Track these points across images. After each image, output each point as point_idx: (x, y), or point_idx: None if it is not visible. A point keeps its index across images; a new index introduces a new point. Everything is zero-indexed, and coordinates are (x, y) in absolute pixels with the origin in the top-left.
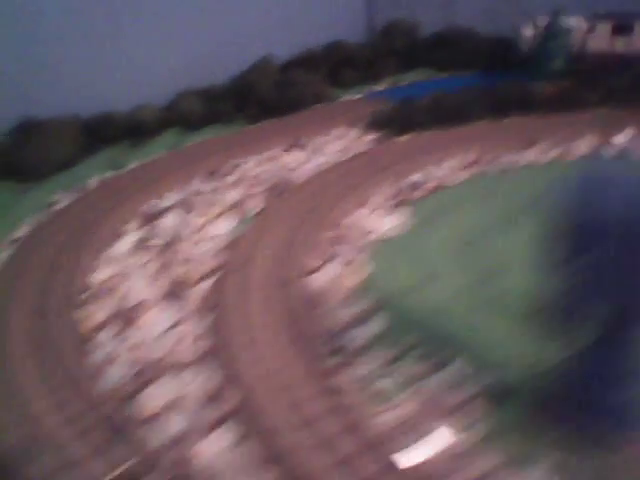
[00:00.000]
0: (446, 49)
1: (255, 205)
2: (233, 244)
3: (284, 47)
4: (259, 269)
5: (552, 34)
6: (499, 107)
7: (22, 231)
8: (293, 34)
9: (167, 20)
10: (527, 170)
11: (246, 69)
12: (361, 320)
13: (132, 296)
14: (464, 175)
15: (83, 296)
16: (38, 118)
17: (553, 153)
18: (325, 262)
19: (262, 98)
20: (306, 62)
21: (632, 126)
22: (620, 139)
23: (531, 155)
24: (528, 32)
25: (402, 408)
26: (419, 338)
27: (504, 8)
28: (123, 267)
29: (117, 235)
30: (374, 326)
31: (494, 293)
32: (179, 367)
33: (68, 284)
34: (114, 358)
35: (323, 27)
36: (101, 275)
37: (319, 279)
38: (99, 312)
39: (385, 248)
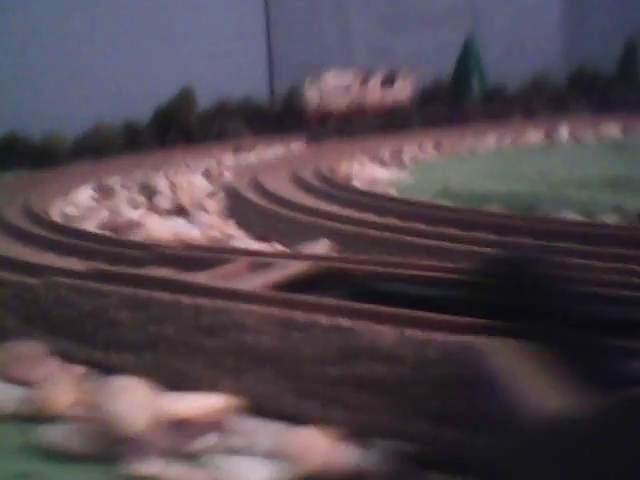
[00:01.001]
0: None
1: (228, 175)
2: (224, 186)
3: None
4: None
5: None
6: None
7: None
8: (207, 86)
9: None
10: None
11: (168, 100)
12: None
13: (124, 214)
14: (436, 153)
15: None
16: None
17: (510, 140)
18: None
19: (185, 128)
20: (222, 109)
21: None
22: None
23: (490, 141)
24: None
25: None
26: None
27: None
28: (93, 206)
29: (68, 191)
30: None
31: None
32: None
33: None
34: None
35: (233, 84)
36: (70, 210)
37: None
38: (88, 224)
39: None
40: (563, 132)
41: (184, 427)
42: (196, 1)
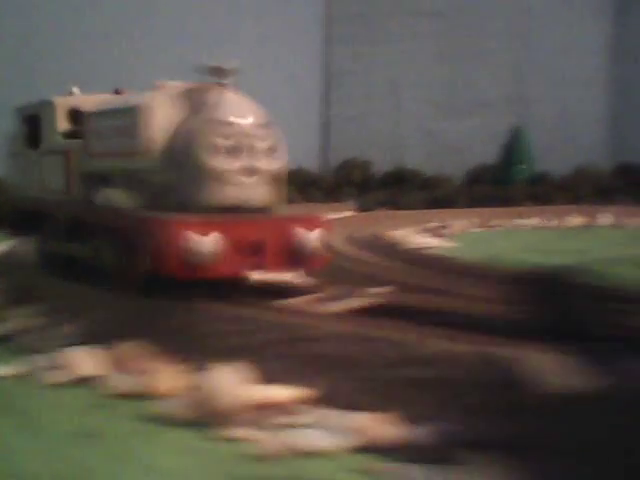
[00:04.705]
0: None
1: None
2: None
3: None
4: None
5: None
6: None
7: None
8: None
9: None
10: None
11: None
12: None
13: None
14: (482, 229)
15: None
16: None
17: (554, 221)
18: None
19: None
20: None
21: None
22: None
23: (534, 222)
24: None
25: None
26: None
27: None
28: None
29: None
30: None
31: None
32: None
33: None
34: None
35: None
36: None
37: None
38: None
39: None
40: (605, 217)
41: (267, 408)
42: (258, 75)
